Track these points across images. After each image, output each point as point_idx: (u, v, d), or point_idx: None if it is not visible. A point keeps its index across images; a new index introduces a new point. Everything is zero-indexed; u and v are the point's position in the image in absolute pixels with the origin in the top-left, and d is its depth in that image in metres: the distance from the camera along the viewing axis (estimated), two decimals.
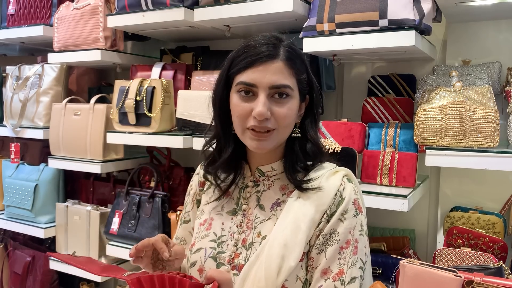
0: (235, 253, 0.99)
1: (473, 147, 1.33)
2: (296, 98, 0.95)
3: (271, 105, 0.92)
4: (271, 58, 0.91)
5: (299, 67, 0.95)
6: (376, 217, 1.79)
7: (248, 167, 1.06)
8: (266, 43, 0.93)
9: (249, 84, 0.92)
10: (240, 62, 0.93)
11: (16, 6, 2.40)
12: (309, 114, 1.01)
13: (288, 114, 0.93)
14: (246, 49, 0.93)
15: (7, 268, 2.52)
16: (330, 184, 0.96)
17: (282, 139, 0.98)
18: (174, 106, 1.87)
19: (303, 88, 0.97)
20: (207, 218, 1.07)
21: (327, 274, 0.92)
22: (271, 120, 0.92)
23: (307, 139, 1.00)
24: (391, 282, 1.45)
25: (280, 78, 0.91)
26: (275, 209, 0.99)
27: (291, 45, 0.96)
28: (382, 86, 1.76)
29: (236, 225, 1.02)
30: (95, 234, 2.09)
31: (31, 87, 2.30)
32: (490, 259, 1.33)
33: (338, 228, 0.93)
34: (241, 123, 0.94)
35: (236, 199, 1.06)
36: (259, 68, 0.91)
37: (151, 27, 1.95)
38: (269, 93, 0.92)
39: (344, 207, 0.94)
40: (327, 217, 0.94)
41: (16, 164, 2.40)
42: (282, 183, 1.02)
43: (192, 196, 1.16)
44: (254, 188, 1.04)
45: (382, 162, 1.52)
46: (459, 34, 1.68)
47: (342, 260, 0.92)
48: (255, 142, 0.94)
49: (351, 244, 0.93)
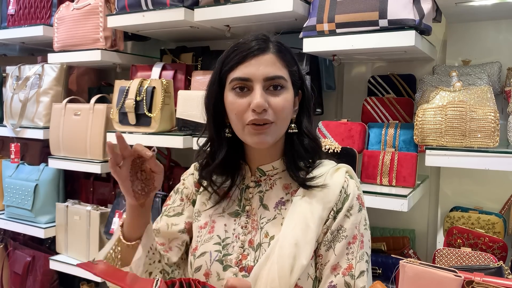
0: (242, 255, 0.98)
1: (473, 147, 1.33)
2: (290, 90, 0.96)
3: (268, 97, 0.92)
4: (262, 51, 0.92)
5: (289, 60, 0.97)
6: (376, 217, 1.79)
7: (248, 168, 1.05)
8: (255, 39, 0.94)
9: (244, 79, 0.92)
10: (231, 60, 0.94)
11: (16, 6, 2.40)
12: (303, 109, 1.02)
13: (285, 105, 0.93)
14: (236, 47, 0.95)
15: (7, 268, 2.52)
16: (335, 181, 0.97)
17: (281, 133, 0.97)
18: (174, 106, 1.87)
19: (296, 81, 0.98)
20: (208, 221, 1.05)
21: (336, 270, 0.93)
22: (269, 112, 0.92)
23: (304, 134, 1.00)
24: (391, 282, 1.46)
25: (273, 69, 0.92)
26: (279, 208, 0.99)
27: (280, 41, 0.97)
28: (382, 86, 1.76)
29: (241, 226, 1.01)
30: (95, 234, 2.08)
31: (31, 87, 2.30)
32: (490, 259, 1.34)
33: (345, 224, 0.94)
34: (240, 120, 0.94)
35: (237, 201, 1.05)
36: (251, 62, 0.92)
37: (151, 27, 1.95)
38: (264, 85, 0.92)
39: (349, 203, 0.95)
40: (333, 214, 0.95)
41: (16, 164, 2.40)
42: (285, 182, 1.01)
43: (187, 194, 1.12)
44: (256, 188, 1.03)
45: (382, 162, 1.52)
46: (459, 34, 1.68)
47: (351, 255, 0.93)
48: (256, 137, 0.93)
49: (358, 239, 0.94)
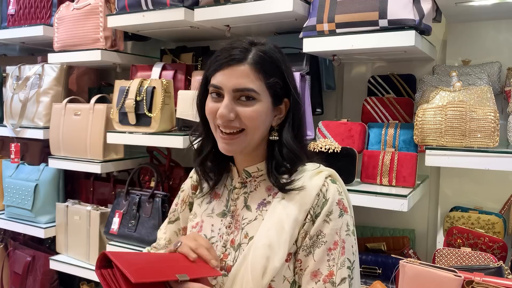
0: (224, 254, 1.00)
1: (473, 147, 1.33)
2: (265, 102, 0.95)
3: (237, 107, 0.94)
4: (238, 62, 0.93)
5: (268, 71, 0.95)
6: (376, 217, 1.79)
7: (235, 170, 1.08)
8: (238, 47, 0.95)
9: (217, 87, 0.95)
10: (213, 65, 0.97)
11: (16, 6, 2.40)
12: (288, 118, 1.01)
13: (253, 116, 0.94)
14: (219, 52, 0.97)
15: (7, 268, 2.52)
16: (312, 184, 0.96)
17: (253, 141, 0.98)
18: (174, 106, 1.88)
19: (276, 92, 0.97)
20: (199, 221, 1.09)
21: (317, 277, 0.92)
22: (237, 121, 0.94)
23: (283, 143, 0.99)
24: (391, 282, 1.46)
25: (244, 81, 0.93)
26: (261, 209, 1.01)
27: (265, 49, 0.96)
28: (382, 86, 1.76)
29: (225, 226, 1.04)
30: (95, 234, 2.08)
31: (31, 87, 2.30)
32: (490, 259, 1.34)
33: (324, 229, 0.93)
34: (212, 122, 0.98)
35: (225, 201, 1.07)
36: (225, 71, 0.94)
37: (151, 27, 1.95)
38: (234, 96, 0.94)
39: (328, 208, 0.94)
40: (311, 218, 0.94)
41: (16, 164, 2.41)
42: (268, 183, 1.02)
43: (183, 197, 1.19)
44: (242, 189, 1.06)
45: (382, 162, 1.52)
46: (459, 34, 1.68)
47: (331, 262, 0.92)
48: (224, 145, 0.97)
49: (339, 245, 0.93)
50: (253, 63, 0.94)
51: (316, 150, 1.49)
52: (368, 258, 1.59)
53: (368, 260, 1.59)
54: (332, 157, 1.46)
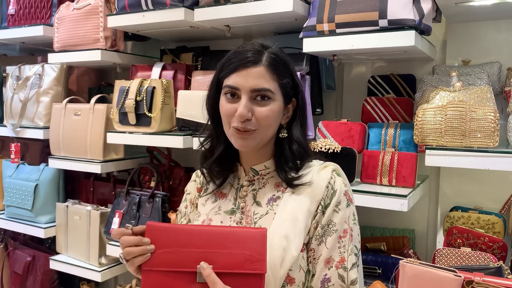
0: None
1: (473, 147, 1.33)
2: (278, 101, 1.01)
3: (253, 106, 0.99)
4: (254, 64, 0.98)
5: (282, 72, 1.01)
6: (376, 217, 1.79)
7: (242, 168, 1.11)
8: (251, 50, 1.00)
9: (233, 88, 0.99)
10: (227, 67, 1.01)
11: (16, 6, 2.40)
12: (295, 116, 1.07)
13: (269, 115, 0.99)
14: (233, 55, 1.01)
15: (7, 268, 2.53)
16: (321, 177, 1.03)
17: (265, 139, 1.03)
18: (174, 106, 1.88)
19: (287, 92, 1.03)
20: (205, 219, 1.11)
21: (330, 263, 0.98)
22: (252, 121, 0.98)
23: (294, 140, 1.06)
24: (391, 282, 1.46)
25: (261, 82, 0.98)
26: (271, 204, 1.05)
27: (276, 52, 1.02)
28: (382, 86, 1.76)
29: (236, 222, 1.06)
30: (95, 234, 2.09)
31: (31, 87, 2.31)
32: (490, 259, 1.34)
33: (334, 218, 1.00)
34: (227, 123, 1.02)
35: (233, 200, 1.10)
36: (242, 72, 0.98)
37: (151, 27, 1.95)
38: (251, 96, 0.99)
39: (337, 198, 1.01)
40: (322, 208, 1.00)
41: (16, 164, 2.41)
42: (276, 180, 1.07)
43: (191, 199, 1.21)
44: (250, 187, 1.09)
45: (382, 162, 1.52)
46: (459, 34, 1.68)
47: (342, 249, 0.99)
48: (239, 140, 1.00)
49: (348, 233, 1.00)
50: (268, 64, 0.99)
51: (316, 150, 1.49)
52: (368, 258, 1.60)
53: (368, 260, 1.59)
54: (332, 157, 1.46)
